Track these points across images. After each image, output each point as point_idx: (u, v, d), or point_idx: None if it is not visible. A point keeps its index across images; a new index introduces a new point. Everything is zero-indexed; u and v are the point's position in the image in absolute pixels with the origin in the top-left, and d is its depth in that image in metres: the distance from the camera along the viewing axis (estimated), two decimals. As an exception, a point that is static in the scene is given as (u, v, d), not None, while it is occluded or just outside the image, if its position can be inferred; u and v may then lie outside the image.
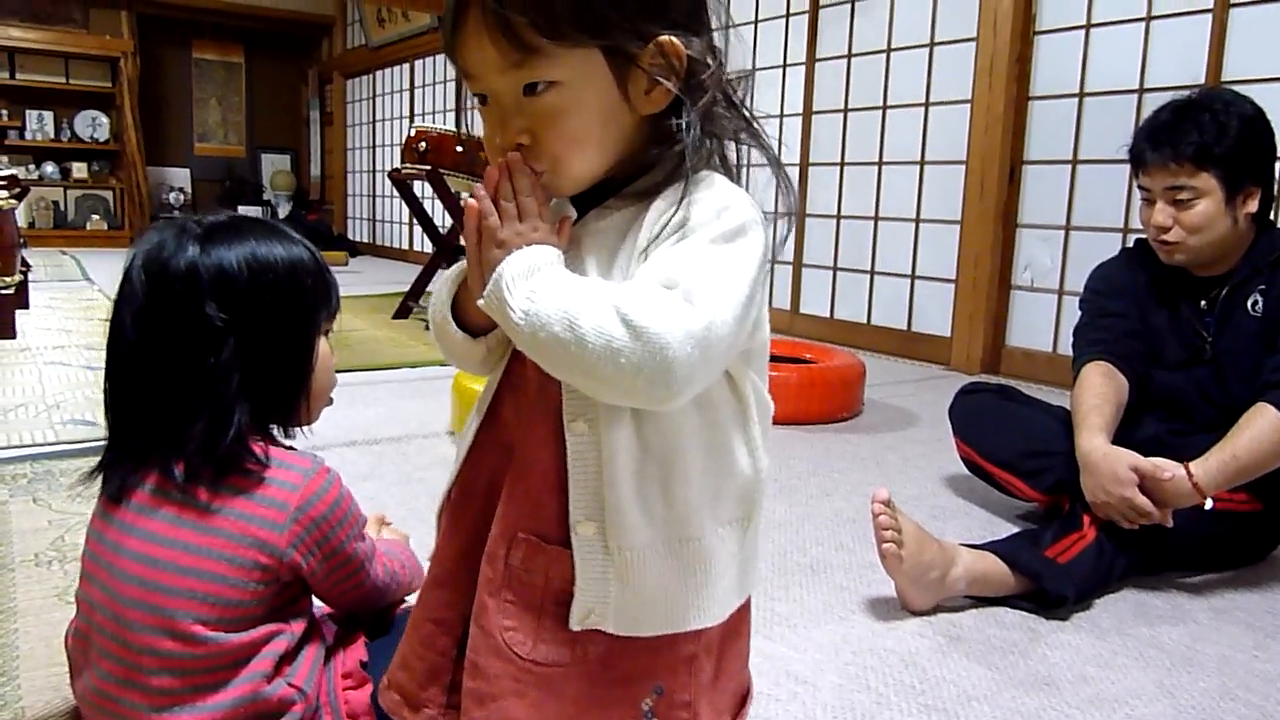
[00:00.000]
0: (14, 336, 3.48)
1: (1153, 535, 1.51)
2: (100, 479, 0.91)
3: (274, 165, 10.05)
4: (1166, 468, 1.47)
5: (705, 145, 0.71)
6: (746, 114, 0.75)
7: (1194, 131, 1.57)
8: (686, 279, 0.64)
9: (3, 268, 3.20)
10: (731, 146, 0.75)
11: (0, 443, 2.15)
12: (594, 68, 0.68)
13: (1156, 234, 1.65)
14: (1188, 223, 1.60)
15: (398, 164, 4.46)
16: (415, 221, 6.31)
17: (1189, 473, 1.46)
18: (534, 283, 0.64)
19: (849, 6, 4.05)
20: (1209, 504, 1.48)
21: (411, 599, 1.07)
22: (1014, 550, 1.49)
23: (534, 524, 0.72)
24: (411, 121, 7.83)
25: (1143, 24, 3.06)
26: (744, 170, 0.75)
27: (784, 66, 4.31)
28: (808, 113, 4.24)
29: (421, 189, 5.02)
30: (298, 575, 0.89)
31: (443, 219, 5.33)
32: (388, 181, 6.03)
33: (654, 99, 0.70)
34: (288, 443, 0.95)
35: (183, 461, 0.86)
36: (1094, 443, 1.56)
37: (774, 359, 2.40)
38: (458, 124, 7.10)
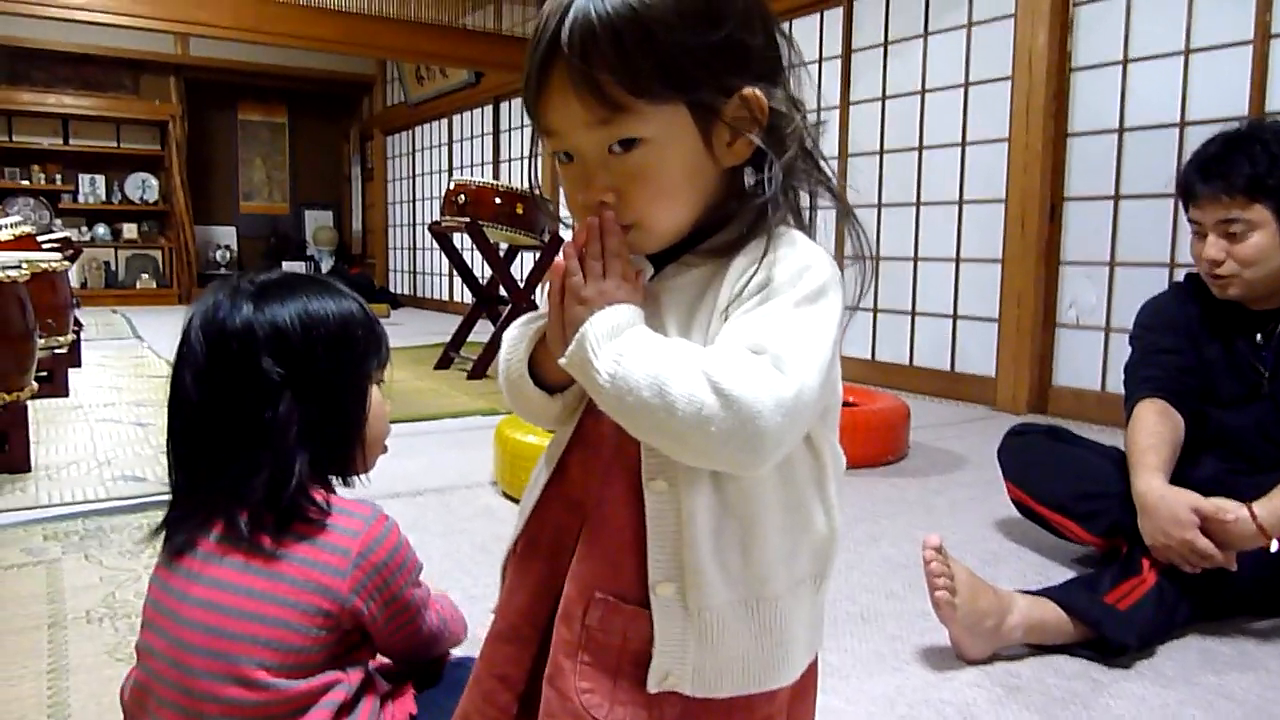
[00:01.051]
0: (67, 394, 3.56)
1: (1216, 579, 1.46)
2: (164, 535, 0.92)
3: (317, 221, 10.28)
4: (1229, 509, 1.42)
5: (785, 198, 0.71)
6: (824, 166, 0.74)
7: (1245, 163, 1.54)
8: (774, 344, 0.63)
9: (56, 327, 3.28)
10: (804, 196, 0.74)
11: (54, 499, 2.18)
12: (680, 122, 0.68)
13: (1209, 268, 1.62)
14: (1241, 256, 1.57)
15: (438, 217, 4.53)
16: (455, 273, 6.39)
17: (1252, 514, 1.42)
18: (620, 344, 0.64)
19: (882, 49, 4.08)
20: (1275, 545, 1.43)
21: (459, 651, 1.06)
22: (1072, 596, 1.45)
23: (611, 584, 0.71)
24: (450, 175, 7.98)
25: (1181, 57, 3.05)
26: (812, 216, 0.75)
27: (819, 110, 4.31)
28: (843, 155, 4.25)
29: (461, 240, 5.09)
30: (358, 622, 0.90)
31: (482, 270, 5.39)
32: (428, 234, 6.12)
33: (736, 151, 0.70)
34: (346, 493, 0.96)
35: (247, 511, 0.87)
36: (1151, 484, 1.52)
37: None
38: (495, 176, 7.22)
